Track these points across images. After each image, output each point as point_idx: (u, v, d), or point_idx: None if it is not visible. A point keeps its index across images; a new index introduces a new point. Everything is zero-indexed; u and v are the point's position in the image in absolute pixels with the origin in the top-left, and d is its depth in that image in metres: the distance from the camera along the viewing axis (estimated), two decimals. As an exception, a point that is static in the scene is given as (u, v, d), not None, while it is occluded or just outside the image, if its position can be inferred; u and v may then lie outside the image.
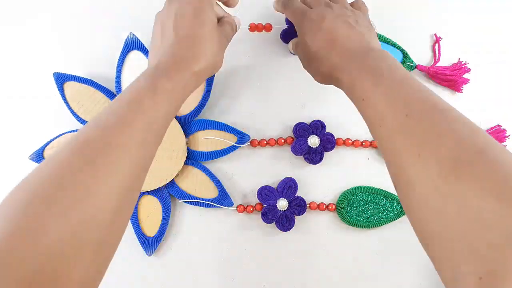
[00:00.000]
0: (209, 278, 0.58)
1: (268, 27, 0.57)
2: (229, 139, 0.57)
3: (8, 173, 0.58)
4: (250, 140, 0.57)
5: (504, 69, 0.59)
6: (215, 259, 0.58)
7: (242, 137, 0.56)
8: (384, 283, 0.58)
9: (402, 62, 0.58)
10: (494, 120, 0.58)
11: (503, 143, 0.57)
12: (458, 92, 0.58)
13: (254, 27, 0.56)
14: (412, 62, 0.57)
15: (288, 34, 0.56)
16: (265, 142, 0.57)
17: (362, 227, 0.57)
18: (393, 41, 0.58)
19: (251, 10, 0.58)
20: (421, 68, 0.58)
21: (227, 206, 0.56)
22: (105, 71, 0.58)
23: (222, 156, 0.57)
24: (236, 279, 0.58)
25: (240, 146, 0.57)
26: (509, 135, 0.57)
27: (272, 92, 0.59)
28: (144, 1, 0.58)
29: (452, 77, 0.57)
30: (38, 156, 0.56)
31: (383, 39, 0.57)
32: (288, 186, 0.56)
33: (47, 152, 0.56)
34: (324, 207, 0.57)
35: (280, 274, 0.58)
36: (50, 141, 0.56)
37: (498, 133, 0.57)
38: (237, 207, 0.57)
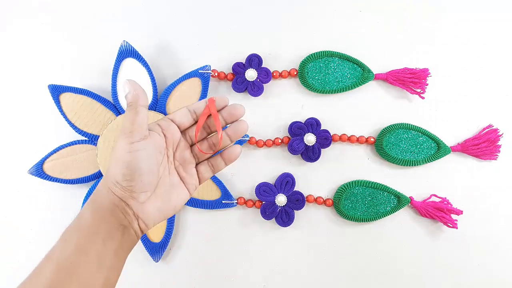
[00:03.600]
0: (210, 278, 0.59)
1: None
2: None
3: (7, 188, 0.59)
4: (249, 138, 0.58)
5: (494, 70, 0.59)
6: (214, 259, 0.59)
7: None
8: (382, 277, 0.59)
9: (361, 75, 0.58)
10: (486, 120, 0.59)
11: (497, 143, 0.58)
12: (422, 93, 0.58)
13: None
14: (369, 71, 0.58)
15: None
16: (263, 143, 0.58)
17: (360, 221, 0.58)
18: (350, 57, 0.58)
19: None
20: (379, 77, 0.58)
21: (230, 207, 0.58)
22: (98, 82, 0.58)
23: None
24: (236, 279, 0.59)
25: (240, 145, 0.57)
26: (502, 134, 0.58)
27: (269, 94, 0.60)
28: (138, 12, 0.59)
29: (415, 79, 0.58)
30: (38, 169, 0.56)
31: (342, 56, 0.58)
32: (286, 181, 0.57)
33: (46, 165, 0.56)
34: (322, 201, 0.58)
35: (280, 273, 0.59)
36: (50, 154, 0.56)
37: (491, 133, 0.58)
38: (237, 199, 0.58)
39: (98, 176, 0.57)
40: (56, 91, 0.55)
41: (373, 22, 0.59)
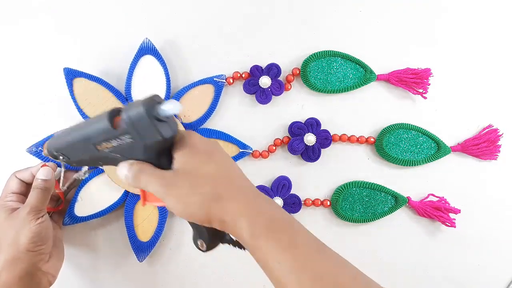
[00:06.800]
0: (209, 279, 0.59)
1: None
2: (232, 149, 0.57)
3: (7, 166, 0.57)
4: (252, 151, 0.58)
5: (495, 70, 0.59)
6: (213, 261, 0.59)
7: (244, 148, 0.57)
8: (381, 277, 0.59)
9: (363, 76, 0.58)
10: (486, 120, 0.59)
11: (497, 143, 0.58)
12: (424, 93, 0.58)
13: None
14: (372, 72, 0.57)
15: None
16: (267, 154, 0.58)
17: (357, 222, 0.58)
18: (352, 57, 0.57)
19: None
20: (381, 78, 0.58)
21: None
22: (119, 70, 0.57)
23: None
24: (236, 280, 0.59)
25: (242, 157, 0.58)
26: (502, 134, 0.58)
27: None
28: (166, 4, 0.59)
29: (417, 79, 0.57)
30: (37, 149, 0.55)
31: (344, 56, 0.57)
32: (283, 185, 0.57)
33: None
34: (319, 202, 0.58)
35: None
36: (51, 136, 0.55)
37: (491, 133, 0.58)
38: None
39: (96, 165, 0.56)
40: (71, 74, 0.55)
41: (374, 22, 0.58)
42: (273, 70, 0.57)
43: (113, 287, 0.59)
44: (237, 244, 0.40)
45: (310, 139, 0.56)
